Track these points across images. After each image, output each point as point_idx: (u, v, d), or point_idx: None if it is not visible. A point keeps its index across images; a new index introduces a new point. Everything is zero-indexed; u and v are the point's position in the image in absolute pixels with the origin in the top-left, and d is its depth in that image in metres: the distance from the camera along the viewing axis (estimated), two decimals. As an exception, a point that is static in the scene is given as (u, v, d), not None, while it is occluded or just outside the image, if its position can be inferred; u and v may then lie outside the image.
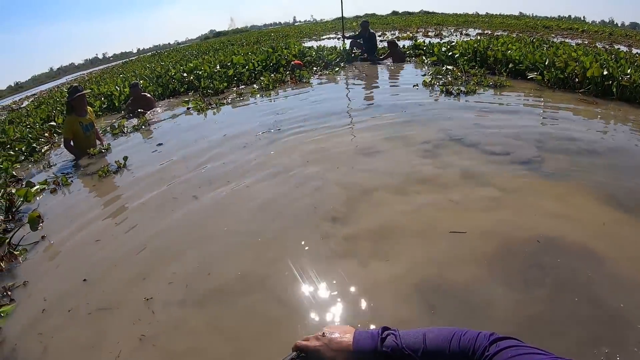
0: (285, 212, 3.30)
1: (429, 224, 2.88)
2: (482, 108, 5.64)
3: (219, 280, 2.57)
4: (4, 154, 7.24)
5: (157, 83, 10.96)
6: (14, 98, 46.25)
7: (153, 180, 4.57)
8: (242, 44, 25.85)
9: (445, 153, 4.16)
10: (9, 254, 3.51)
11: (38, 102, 17.05)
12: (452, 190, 3.35)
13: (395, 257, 2.55)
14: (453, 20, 32.45)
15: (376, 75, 9.33)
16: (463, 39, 15.97)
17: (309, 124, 5.69)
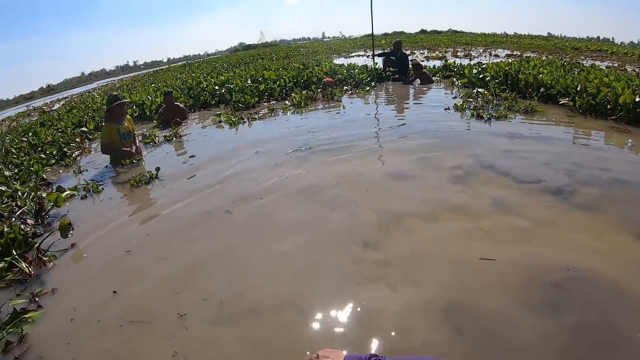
0: (317, 234, 3.33)
1: (458, 251, 2.89)
2: (513, 134, 5.56)
3: (252, 298, 2.60)
4: (35, 156, 7.39)
5: (189, 94, 11.15)
6: (45, 100, 47.60)
7: (186, 193, 4.62)
8: (272, 58, 26.23)
9: (476, 179, 4.15)
10: (38, 259, 3.55)
11: (70, 106, 17.49)
12: (483, 219, 3.34)
13: (425, 282, 2.58)
14: (482, 40, 32.32)
15: (407, 97, 9.32)
16: (492, 60, 15.92)
17: (339, 144, 5.70)
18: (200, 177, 5.06)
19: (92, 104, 14.12)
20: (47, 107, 29.84)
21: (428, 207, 3.59)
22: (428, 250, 2.93)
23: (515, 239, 3.01)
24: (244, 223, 3.70)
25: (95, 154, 7.49)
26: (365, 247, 3.04)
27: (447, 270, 2.69)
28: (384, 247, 3.02)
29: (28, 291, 3.15)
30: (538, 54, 19.27)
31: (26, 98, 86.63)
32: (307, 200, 3.98)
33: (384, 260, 2.85)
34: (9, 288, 3.29)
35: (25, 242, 3.81)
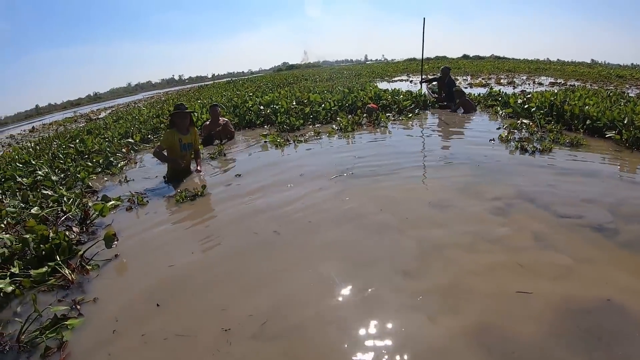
0: (359, 260, 3.40)
1: (496, 284, 2.94)
2: (557, 167, 5.46)
3: (295, 317, 2.69)
4: (82, 163, 7.68)
5: (234, 113, 11.42)
6: (92, 107, 49.61)
7: (232, 213, 4.74)
8: (315, 79, 26.58)
9: (517, 212, 4.14)
10: (81, 267, 3.68)
11: (116, 115, 18.10)
12: (522, 253, 3.35)
13: (462, 312, 2.64)
14: (525, 67, 31.74)
15: (451, 125, 9.23)
16: (536, 88, 15.68)
17: (383, 171, 5.74)
18: (246, 197, 5.18)
19: (139, 116, 14.69)
20: (94, 114, 31.13)
21: (468, 238, 3.62)
22: (466, 281, 2.98)
23: (554, 275, 3.02)
24: (290, 244, 3.80)
25: (141, 165, 7.77)
26: (405, 275, 3.11)
27: (485, 302, 2.74)
28: (423, 276, 3.09)
29: (69, 298, 3.28)
30: (582, 82, 18.88)
31: (73, 104, 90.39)
32: (351, 226, 4.04)
33: (423, 289, 2.91)
34: (50, 292, 3.44)
35: (70, 249, 3.96)
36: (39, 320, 2.95)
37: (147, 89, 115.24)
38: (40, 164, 8.39)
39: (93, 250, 3.91)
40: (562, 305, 2.64)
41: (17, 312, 3.22)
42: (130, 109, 24.81)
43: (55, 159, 8.86)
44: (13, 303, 3.37)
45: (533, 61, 46.57)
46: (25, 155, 10.53)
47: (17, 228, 4.93)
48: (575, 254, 3.26)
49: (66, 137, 12.03)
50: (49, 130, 23.54)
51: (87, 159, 8.36)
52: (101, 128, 12.81)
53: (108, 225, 4.70)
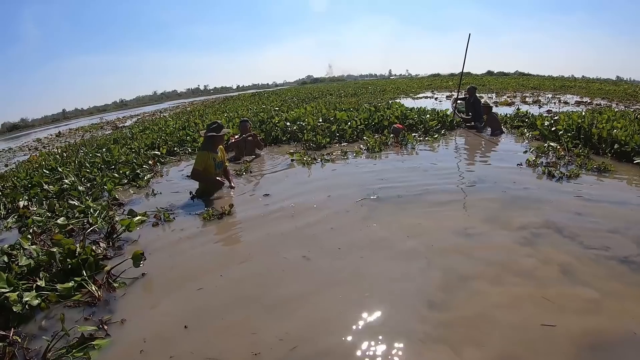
0: (386, 289, 3.44)
1: (522, 317, 2.94)
2: (584, 195, 5.34)
3: (324, 343, 2.76)
4: (109, 174, 7.78)
5: (260, 128, 11.49)
6: (117, 115, 50.61)
7: (260, 234, 4.75)
8: (340, 94, 26.72)
9: (544, 243, 4.08)
10: (108, 284, 3.70)
11: (142, 125, 18.34)
12: (548, 286, 3.32)
13: (485, 344, 2.68)
14: (550, 85, 31.26)
15: (478, 148, 9.15)
16: (561, 107, 15.47)
17: (408, 195, 5.70)
18: (274, 218, 5.19)
19: (165, 127, 14.88)
20: (120, 122, 31.78)
21: (493, 270, 3.62)
22: (490, 313, 2.99)
23: (580, 308, 3.02)
24: (320, 271, 3.82)
25: (167, 179, 7.83)
26: (431, 306, 3.13)
27: (509, 334, 2.76)
28: (448, 307, 3.11)
29: (96, 316, 3.30)
30: (608, 100, 18.56)
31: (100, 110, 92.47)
32: (378, 254, 4.04)
33: (448, 320, 2.94)
34: (76, 308, 3.47)
35: (96, 264, 4.00)
36: (65, 338, 2.95)
37: (173, 98, 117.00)
38: (67, 171, 8.55)
39: (120, 268, 3.93)
40: (586, 338, 2.66)
41: (42, 327, 3.26)
42: (156, 119, 25.23)
43: (81, 167, 9.02)
44: (38, 317, 3.42)
45: (558, 78, 46.06)
46: (52, 161, 10.76)
47: (42, 237, 4.99)
48: (602, 288, 3.23)
49: (93, 146, 12.24)
50: (75, 136, 24.06)
51: (113, 169, 8.47)
52: (127, 138, 13.00)
53: (134, 240, 4.74)
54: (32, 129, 55.11)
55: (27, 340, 3.06)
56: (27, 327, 3.27)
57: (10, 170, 11.95)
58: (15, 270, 3.97)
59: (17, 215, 6.33)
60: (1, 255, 4.31)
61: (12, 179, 9.32)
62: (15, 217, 6.28)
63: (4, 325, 3.27)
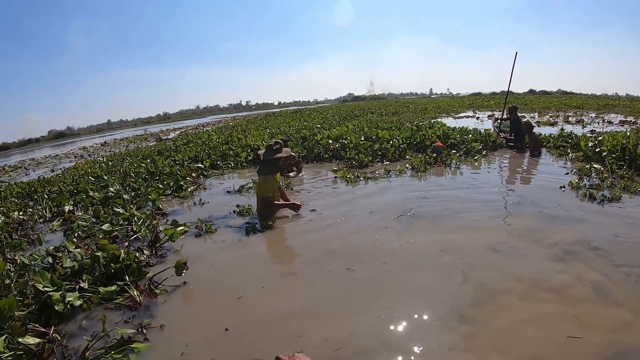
0: (421, 300, 3.55)
1: (549, 332, 3.00)
2: (625, 217, 5.16)
3: (363, 345, 2.94)
4: (154, 185, 8.02)
5: (303, 145, 11.65)
6: (161, 127, 52.01)
7: (303, 247, 4.88)
8: (381, 112, 26.70)
9: (577, 261, 4.07)
10: (149, 290, 3.81)
11: (186, 138, 18.79)
12: (579, 305, 3.32)
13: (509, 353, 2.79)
14: (593, 104, 30.18)
15: (520, 169, 8.97)
16: (605, 127, 14.96)
17: (445, 213, 5.73)
18: (317, 232, 5.30)
19: (209, 141, 15.28)
20: (163, 134, 32.62)
21: (524, 286, 3.67)
22: (518, 327, 3.08)
23: (611, 328, 3.01)
24: (362, 281, 3.93)
25: (210, 192, 8.04)
26: (461, 318, 3.22)
27: (535, 345, 2.86)
28: (477, 320, 3.20)
29: (136, 320, 3.42)
30: None
31: (144, 122, 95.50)
32: (414, 267, 4.18)
33: (476, 332, 3.05)
34: (117, 311, 3.61)
35: (139, 271, 4.14)
36: (104, 339, 3.07)
37: (215, 112, 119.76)
38: (112, 180, 8.87)
39: (162, 275, 4.05)
40: (613, 349, 2.74)
41: (82, 326, 3.40)
42: (199, 132, 25.81)
43: (126, 176, 9.34)
44: (79, 317, 3.56)
45: (601, 97, 44.64)
46: (98, 169, 11.16)
47: (86, 242, 5.18)
48: (635, 308, 3.19)
49: (138, 156, 12.62)
50: (120, 146, 24.87)
51: (157, 180, 8.73)
52: (171, 150, 13.34)
53: (177, 250, 4.88)
54: (78, 137, 57.21)
55: (67, 339, 3.21)
56: (68, 326, 3.42)
57: (57, 176, 12.45)
58: (60, 271, 4.17)
59: (62, 218, 6.60)
60: (46, 257, 4.53)
61: (59, 184, 9.73)
62: (60, 221, 6.54)
63: (45, 323, 3.43)
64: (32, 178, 13.07)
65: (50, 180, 11.30)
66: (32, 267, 4.31)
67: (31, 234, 6.17)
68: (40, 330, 3.25)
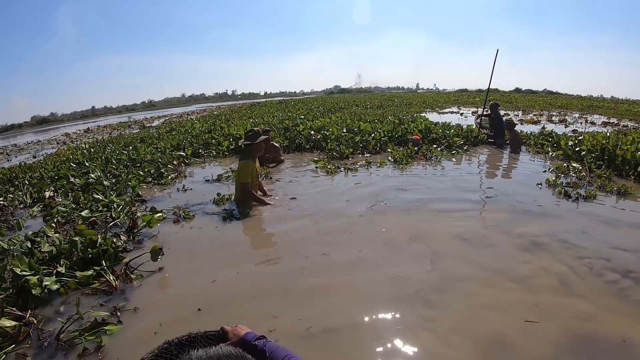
0: (388, 284, 3.68)
1: (508, 317, 3.16)
2: (596, 215, 5.30)
3: (333, 324, 3.08)
4: (134, 172, 8.00)
5: (285, 135, 11.71)
6: (145, 115, 51.46)
7: (280, 234, 4.99)
8: (366, 105, 26.71)
9: (544, 254, 4.21)
10: (125, 275, 3.84)
11: (169, 126, 18.65)
12: (541, 294, 3.45)
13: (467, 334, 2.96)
14: (577, 104, 30.52)
15: (499, 165, 9.12)
16: (588, 127, 15.20)
17: (419, 202, 5.91)
18: (294, 219, 5.40)
19: (192, 130, 15.24)
20: (147, 122, 32.32)
21: (488, 274, 3.82)
22: (478, 312, 3.23)
23: (571, 317, 3.14)
24: (336, 266, 4.05)
25: (190, 179, 8.05)
26: (425, 303, 3.36)
27: (492, 328, 3.01)
28: (440, 305, 3.34)
29: (111, 303, 3.46)
30: (636, 122, 18.15)
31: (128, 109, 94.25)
32: (384, 253, 4.31)
33: (438, 316, 3.20)
34: (93, 296, 3.64)
35: (116, 256, 4.16)
36: (79, 321, 3.12)
37: (201, 101, 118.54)
38: (94, 166, 8.82)
39: (138, 260, 4.09)
40: (569, 334, 2.90)
41: (59, 311, 3.42)
42: (183, 120, 25.65)
43: (108, 163, 9.28)
44: (56, 301, 3.58)
45: (586, 98, 45.19)
46: (80, 156, 11.08)
47: (65, 227, 5.18)
48: (597, 301, 3.32)
49: (120, 143, 12.54)
50: (103, 133, 24.61)
51: (138, 167, 8.70)
52: (154, 137, 13.28)
53: (154, 235, 4.92)
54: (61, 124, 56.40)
55: (43, 322, 3.23)
56: (45, 310, 3.44)
57: (38, 162, 12.31)
58: (38, 255, 4.18)
59: (42, 204, 6.57)
60: (25, 241, 4.52)
61: (40, 170, 9.63)
62: (41, 207, 6.52)
63: (22, 306, 3.45)
64: (13, 164, 12.89)
65: (31, 166, 11.18)
66: (10, 251, 4.29)
67: (11, 219, 6.11)
68: (17, 313, 3.26)
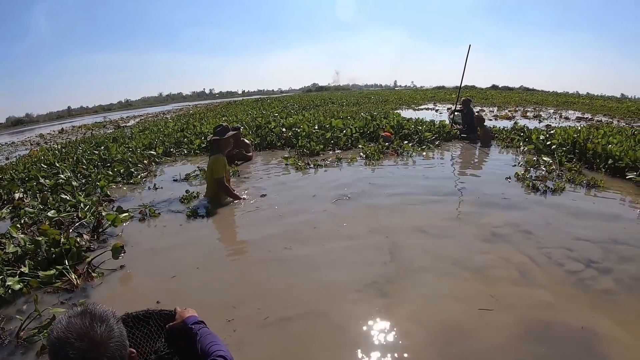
0: (346, 275, 3.76)
1: (462, 305, 3.26)
2: (562, 207, 5.44)
3: (291, 313, 3.18)
4: (104, 172, 7.96)
5: (256, 133, 11.74)
6: (122, 114, 50.72)
7: (244, 229, 5.16)
8: (342, 103, 26.78)
9: (505, 245, 4.32)
10: (87, 274, 3.86)
11: (143, 126, 18.49)
12: (499, 284, 3.54)
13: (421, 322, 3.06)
14: (553, 100, 30.91)
15: (470, 160, 9.37)
16: (562, 122, 15.46)
17: (383, 196, 6.08)
18: (257, 214, 5.53)
19: (164, 129, 15.14)
20: (123, 121, 31.92)
21: (445, 264, 3.92)
22: (433, 302, 3.33)
23: (529, 306, 3.21)
24: (298, 259, 4.15)
25: (160, 178, 8.04)
26: (380, 293, 3.45)
27: (446, 316, 3.10)
28: (395, 295, 3.43)
29: (72, 301, 3.49)
30: (610, 117, 18.53)
31: (105, 109, 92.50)
32: (346, 245, 4.43)
33: (392, 304, 3.30)
34: (55, 294, 3.65)
35: (79, 255, 4.18)
36: (39, 319, 3.15)
37: (178, 100, 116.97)
38: (64, 167, 8.74)
39: (100, 259, 4.11)
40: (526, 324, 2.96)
41: (21, 310, 3.42)
42: (157, 119, 25.39)
43: (78, 163, 9.18)
44: (19, 301, 3.59)
45: (562, 94, 45.68)
46: (51, 157, 10.95)
47: (32, 228, 5.16)
48: (556, 291, 3.40)
49: (91, 143, 12.41)
50: (78, 133, 24.24)
51: (109, 167, 8.65)
52: (126, 137, 13.15)
53: (118, 235, 4.92)
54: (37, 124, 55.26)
55: (5, 321, 3.24)
56: (7, 310, 3.45)
57: (10, 164, 12.13)
58: (2, 256, 4.15)
59: (11, 206, 6.51)
60: (-10, 243, 4.50)
61: (11, 172, 9.50)
62: (10, 208, 6.45)
63: (-15, 307, 3.46)
64: (-15, 167, 12.70)
65: (2, 168, 11.01)
66: (-25, 254, 4.29)
67: (-21, 222, 6.07)
68: (-22, 314, 3.28)
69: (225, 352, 1.68)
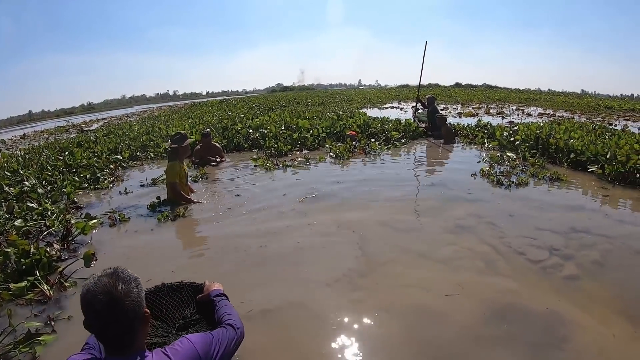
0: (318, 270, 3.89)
1: (429, 293, 3.39)
2: (525, 200, 5.68)
3: (271, 305, 3.30)
4: (70, 178, 7.74)
5: (223, 135, 11.60)
6: (84, 118, 49.35)
7: (216, 231, 5.09)
8: (307, 103, 26.84)
9: (469, 235, 4.49)
10: (60, 284, 3.76)
11: (107, 130, 18.05)
12: (464, 273, 3.69)
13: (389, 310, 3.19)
14: (515, 97, 32.01)
15: (436, 157, 9.55)
16: (525, 118, 15.93)
17: (349, 193, 6.25)
18: (227, 216, 5.51)
19: (130, 132, 14.79)
20: (86, 125, 31.05)
21: (412, 256, 4.08)
22: (400, 291, 3.45)
23: (494, 292, 3.36)
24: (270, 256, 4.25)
25: (127, 183, 7.85)
26: (351, 285, 3.59)
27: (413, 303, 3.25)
28: (365, 287, 3.56)
29: (45, 313, 3.38)
30: (571, 113, 19.23)
31: (67, 113, 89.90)
32: (319, 240, 4.55)
33: (363, 296, 3.42)
34: (28, 306, 3.53)
35: (50, 265, 4.05)
36: (13, 334, 3.04)
37: (141, 102, 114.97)
38: (28, 174, 8.44)
39: (72, 268, 4.00)
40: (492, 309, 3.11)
41: (-7, 324, 3.31)
42: (122, 123, 24.85)
43: (43, 170, 8.89)
44: (-10, 315, 3.46)
45: (524, 91, 47.24)
46: (15, 164, 10.56)
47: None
48: (520, 279, 3.54)
49: (56, 149, 12.05)
50: (40, 138, 23.48)
51: (74, 173, 8.40)
52: (91, 142, 12.82)
53: (89, 242, 4.80)
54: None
55: (-23, 337, 3.13)
56: (-21, 325, 3.33)
57: (-29, 173, 11.68)
58: (-31, 270, 4.01)
59: (-25, 216, 6.28)
60: (-45, 257, 4.32)
61: (-28, 181, 9.15)
62: (-27, 219, 6.22)
63: (-45, 322, 3.32)
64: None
65: (-38, 177, 10.63)
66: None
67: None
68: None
69: (234, 321, 1.99)
